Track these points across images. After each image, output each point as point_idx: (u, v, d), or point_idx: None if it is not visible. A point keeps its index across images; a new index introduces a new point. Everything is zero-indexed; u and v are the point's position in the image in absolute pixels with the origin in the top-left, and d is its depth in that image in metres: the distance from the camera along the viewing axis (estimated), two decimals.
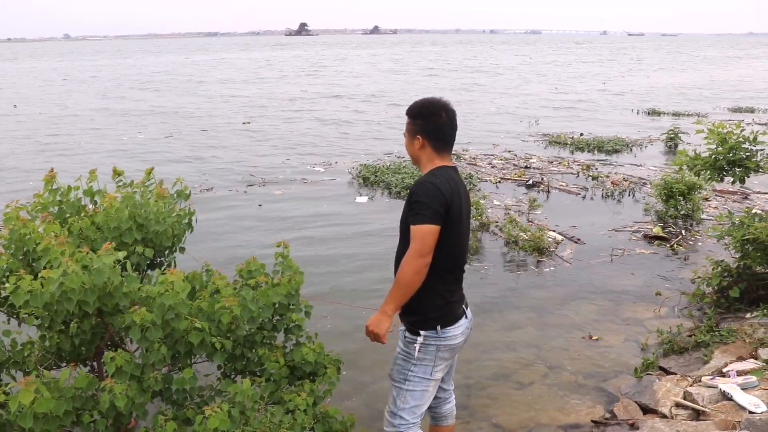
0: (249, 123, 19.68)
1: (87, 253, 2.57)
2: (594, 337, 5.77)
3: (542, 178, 11.73)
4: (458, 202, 3.03)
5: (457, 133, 3.13)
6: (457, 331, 3.18)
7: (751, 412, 3.93)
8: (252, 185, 11.68)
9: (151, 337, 2.60)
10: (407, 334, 3.17)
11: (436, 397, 3.47)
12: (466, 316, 3.26)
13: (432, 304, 3.09)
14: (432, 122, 3.05)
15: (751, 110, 21.58)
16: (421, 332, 3.12)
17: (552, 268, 7.45)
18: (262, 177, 12.35)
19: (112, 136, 17.64)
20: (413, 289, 2.94)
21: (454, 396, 3.69)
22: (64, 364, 3.12)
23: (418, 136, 3.07)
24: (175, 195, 3.35)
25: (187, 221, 3.37)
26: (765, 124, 5.99)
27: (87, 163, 13.40)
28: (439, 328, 3.11)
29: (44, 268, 2.56)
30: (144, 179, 3.33)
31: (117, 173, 3.37)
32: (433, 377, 3.23)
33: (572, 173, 12.38)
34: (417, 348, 3.13)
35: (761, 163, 5.83)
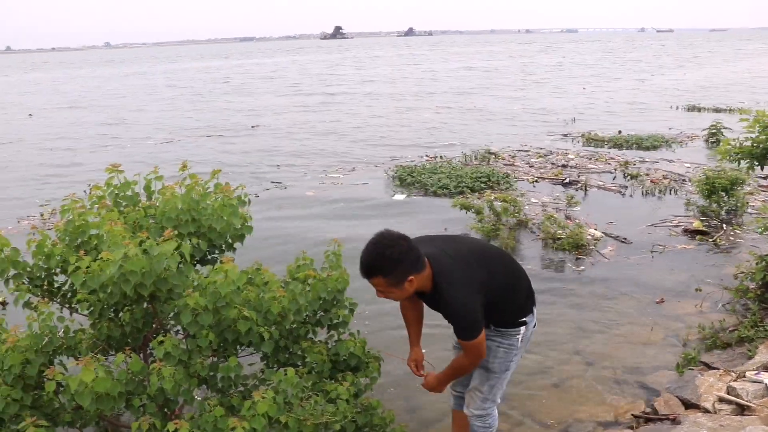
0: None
1: (147, 238, 2.68)
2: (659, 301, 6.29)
3: (579, 176, 11.64)
4: (473, 255, 3.12)
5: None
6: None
7: None
8: (268, 189, 11.67)
9: (201, 321, 2.70)
10: (503, 328, 3.28)
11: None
12: None
13: (521, 301, 3.31)
14: (406, 257, 2.84)
15: None
16: (526, 318, 3.30)
17: (591, 265, 7.40)
18: (281, 180, 12.38)
19: None
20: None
21: None
22: (113, 353, 3.24)
23: (411, 278, 2.87)
24: (237, 199, 3.44)
25: (248, 224, 3.46)
26: None
27: None
28: (534, 309, 3.36)
29: (99, 251, 2.68)
30: (210, 179, 3.44)
31: (184, 167, 3.47)
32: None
33: (610, 172, 12.25)
34: (520, 339, 3.30)
35: None
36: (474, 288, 2.95)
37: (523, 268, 3.41)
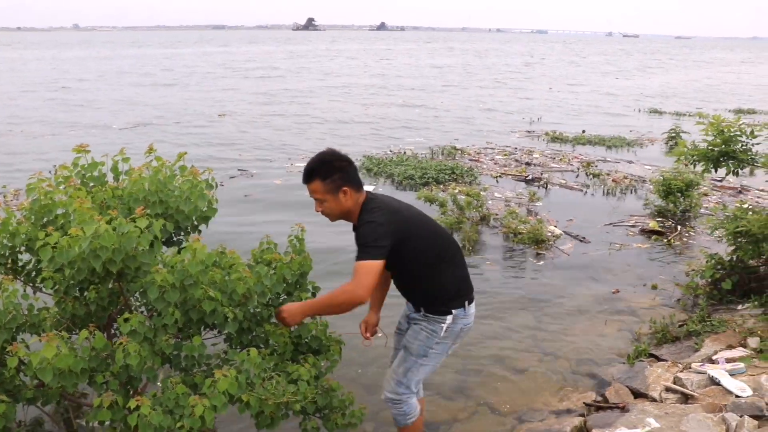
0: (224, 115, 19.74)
1: (116, 217, 2.71)
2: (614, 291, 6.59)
3: (542, 174, 11.85)
4: (407, 209, 3.22)
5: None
6: (473, 310, 3.38)
7: (737, 396, 4.07)
8: (233, 177, 11.57)
9: (168, 298, 2.74)
10: (430, 313, 3.29)
11: None
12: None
13: (451, 288, 3.28)
14: (346, 169, 3.09)
15: (753, 112, 21.70)
16: (453, 311, 3.26)
17: (550, 260, 7.59)
18: (248, 169, 12.30)
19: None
20: (334, 313, 3.11)
21: None
22: (77, 331, 3.25)
23: (344, 188, 3.07)
24: (204, 182, 3.47)
25: (213, 206, 3.49)
26: (765, 124, 6.12)
27: None
28: (467, 304, 3.29)
29: (66, 230, 2.70)
30: (175, 161, 3.46)
31: (151, 150, 3.49)
32: (446, 355, 3.41)
33: (573, 171, 12.50)
34: (444, 327, 3.26)
35: (756, 157, 5.98)
36: (390, 225, 3.02)
37: (464, 263, 3.39)
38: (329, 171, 3.06)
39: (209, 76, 35.41)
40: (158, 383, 2.98)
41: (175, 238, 3.53)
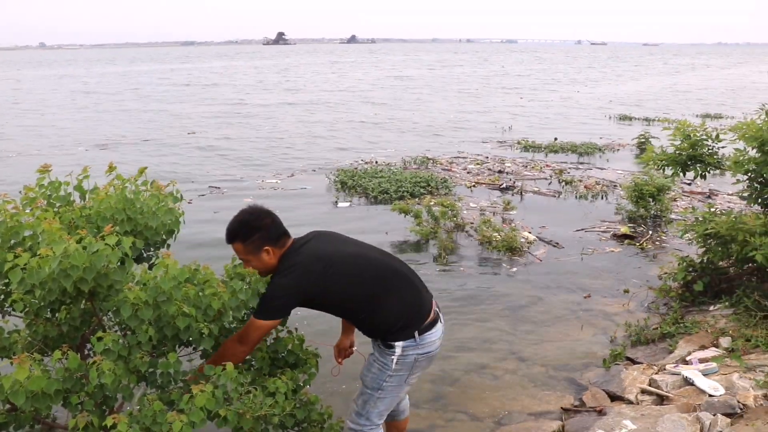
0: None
1: (86, 236, 2.69)
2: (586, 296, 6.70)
3: (515, 182, 11.96)
4: (334, 253, 3.14)
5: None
6: (435, 336, 3.22)
7: (710, 395, 4.13)
8: (203, 195, 11.45)
9: (142, 316, 2.72)
10: (382, 345, 3.21)
11: None
12: (440, 321, 3.29)
13: (394, 321, 3.14)
14: (266, 227, 3.10)
15: (720, 116, 22.13)
16: (398, 344, 3.14)
17: (524, 266, 7.65)
18: (219, 186, 12.19)
19: None
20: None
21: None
22: (50, 353, 3.21)
23: (266, 248, 3.08)
24: (170, 195, 3.45)
25: (181, 220, 3.47)
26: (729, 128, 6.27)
27: None
28: (417, 334, 3.14)
29: (34, 251, 2.67)
30: (137, 176, 3.43)
31: (111, 168, 3.47)
32: (407, 385, 3.30)
33: (546, 178, 12.63)
34: (394, 360, 3.15)
35: (722, 160, 6.11)
36: (300, 285, 3.02)
37: (414, 291, 3.24)
38: (248, 232, 3.07)
39: (174, 93, 35.02)
40: (134, 402, 2.95)
41: (145, 255, 3.51)
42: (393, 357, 3.14)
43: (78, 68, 71.97)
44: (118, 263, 2.72)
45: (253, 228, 3.07)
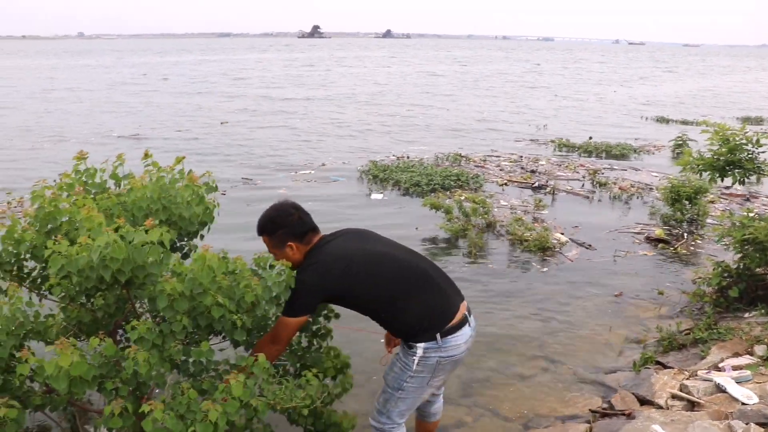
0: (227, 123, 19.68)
1: (124, 225, 2.74)
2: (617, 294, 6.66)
3: (548, 181, 11.87)
4: (357, 253, 3.18)
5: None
6: (460, 340, 3.16)
7: (743, 404, 4.07)
8: (235, 186, 11.52)
9: (177, 307, 2.76)
10: (404, 345, 3.21)
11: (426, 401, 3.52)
12: (469, 324, 3.23)
13: (416, 323, 3.13)
14: (291, 224, 3.20)
15: (760, 120, 21.69)
16: (419, 345, 3.12)
17: (556, 267, 7.60)
18: (253, 177, 12.29)
19: None
20: None
21: (442, 396, 3.78)
22: (83, 338, 3.28)
23: (290, 243, 3.18)
24: (205, 185, 3.49)
25: (216, 212, 3.51)
26: None
27: None
28: (438, 337, 3.10)
29: (70, 237, 2.72)
30: (173, 165, 3.47)
31: (147, 156, 3.52)
32: (430, 387, 3.27)
33: (579, 179, 12.51)
34: (416, 361, 3.13)
35: (762, 166, 5.98)
36: (322, 283, 3.09)
37: (438, 293, 3.21)
38: (273, 228, 3.21)
39: (209, 84, 35.32)
40: (167, 389, 3.00)
41: (178, 244, 3.55)
42: (414, 358, 3.13)
43: (113, 58, 72.87)
44: (158, 257, 2.77)
45: (277, 224, 3.20)
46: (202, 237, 3.58)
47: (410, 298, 3.13)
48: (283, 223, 3.19)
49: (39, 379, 2.65)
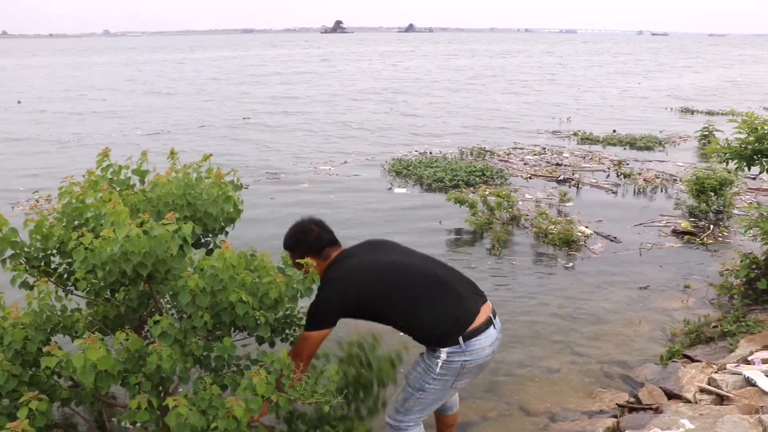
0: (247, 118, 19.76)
1: (147, 220, 2.76)
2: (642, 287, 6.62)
3: (573, 174, 11.76)
4: (373, 264, 3.27)
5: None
6: (485, 342, 3.12)
7: None
8: (258, 180, 11.60)
9: (199, 303, 2.78)
10: (430, 350, 3.18)
11: None
12: (494, 326, 3.20)
13: (435, 329, 3.11)
14: (309, 240, 3.33)
15: None
16: (443, 350, 3.09)
17: (581, 260, 7.52)
18: (276, 172, 12.36)
19: None
20: None
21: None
22: (109, 333, 3.31)
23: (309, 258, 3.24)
24: (230, 183, 3.50)
25: (240, 208, 3.52)
26: None
27: None
28: (461, 340, 3.08)
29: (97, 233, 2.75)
30: (200, 162, 3.50)
31: (173, 154, 3.56)
32: (453, 389, 3.26)
33: (603, 170, 12.38)
34: (439, 364, 3.11)
35: None
36: (341, 297, 3.17)
37: (458, 296, 3.19)
38: (294, 244, 3.37)
39: (231, 81, 35.60)
40: (189, 384, 3.01)
41: (203, 240, 3.57)
42: (438, 361, 3.11)
43: (138, 55, 73.69)
44: (177, 250, 2.78)
45: (297, 240, 3.37)
46: (226, 233, 3.60)
47: (425, 305, 3.15)
48: (302, 239, 3.34)
49: (66, 372, 2.68)
